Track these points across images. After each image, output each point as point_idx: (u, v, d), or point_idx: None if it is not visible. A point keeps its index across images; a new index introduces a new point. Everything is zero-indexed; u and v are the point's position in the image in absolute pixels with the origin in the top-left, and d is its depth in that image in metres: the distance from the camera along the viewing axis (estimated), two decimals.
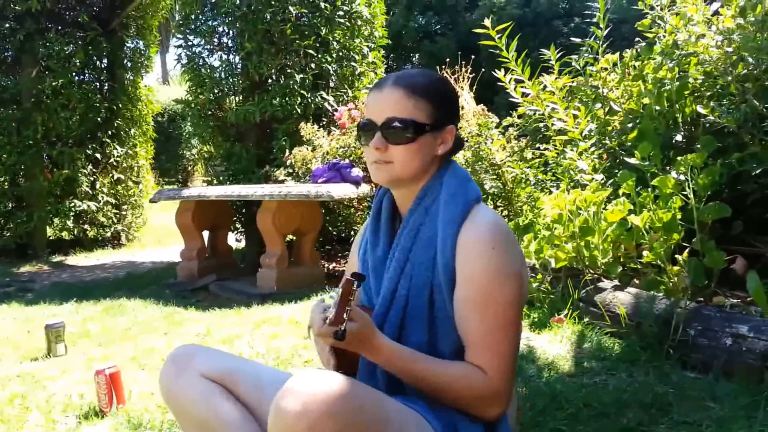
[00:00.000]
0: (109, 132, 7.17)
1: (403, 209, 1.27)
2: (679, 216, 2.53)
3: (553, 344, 2.38)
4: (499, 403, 1.12)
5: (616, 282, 2.60)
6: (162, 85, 19.77)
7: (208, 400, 1.22)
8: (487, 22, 3.36)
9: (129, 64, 7.44)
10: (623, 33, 7.57)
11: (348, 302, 1.00)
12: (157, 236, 7.95)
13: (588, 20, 9.99)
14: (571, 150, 3.23)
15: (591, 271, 2.70)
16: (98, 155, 7.04)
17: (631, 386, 1.98)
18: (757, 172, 2.62)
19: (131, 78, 7.47)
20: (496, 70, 3.51)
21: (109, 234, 7.25)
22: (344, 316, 1.00)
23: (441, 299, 1.16)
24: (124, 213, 7.39)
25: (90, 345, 3.10)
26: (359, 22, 4.98)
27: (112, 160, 7.20)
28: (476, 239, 1.12)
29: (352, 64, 5.00)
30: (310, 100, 4.74)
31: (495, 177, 3.69)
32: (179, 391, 1.24)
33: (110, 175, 7.22)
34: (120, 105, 7.27)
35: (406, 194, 1.24)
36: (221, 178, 5.20)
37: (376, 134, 1.17)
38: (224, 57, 5.14)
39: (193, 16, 5.03)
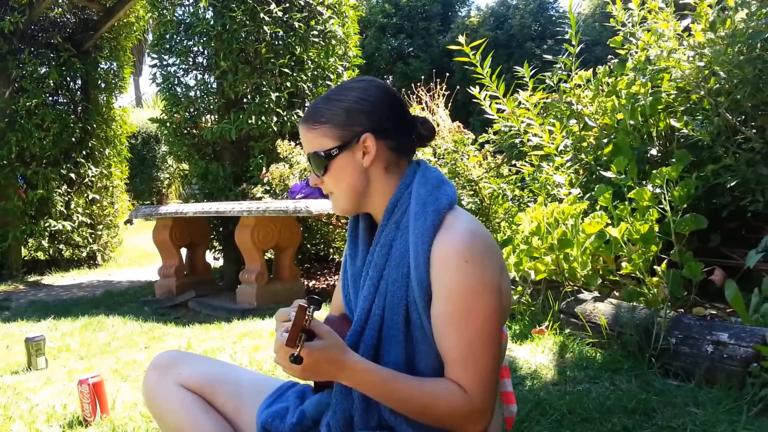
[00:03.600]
0: (84, 152, 7.13)
1: (378, 221, 1.22)
2: (656, 228, 2.56)
3: (536, 355, 2.37)
4: (481, 420, 1.07)
5: (595, 293, 2.61)
6: (135, 107, 19.63)
7: (186, 410, 1.20)
8: (462, 38, 3.40)
9: (103, 85, 7.44)
10: (596, 54, 7.77)
11: (302, 327, 0.95)
12: (133, 257, 7.87)
13: (560, 41, 10.27)
14: (548, 165, 3.26)
15: (571, 283, 2.71)
16: (73, 175, 6.98)
17: (614, 393, 1.98)
18: (732, 184, 2.67)
19: (105, 99, 7.45)
20: (470, 87, 3.54)
21: (84, 254, 7.18)
22: (297, 341, 0.94)
23: (417, 317, 1.10)
24: (99, 233, 7.33)
25: (71, 358, 3.05)
26: (333, 42, 5.02)
27: (86, 180, 7.16)
28: (451, 252, 1.04)
29: (327, 83, 5.02)
30: (286, 118, 4.74)
31: (472, 193, 3.71)
32: (160, 399, 1.24)
33: (85, 195, 7.16)
34: (94, 125, 7.23)
35: (375, 208, 1.19)
36: (198, 196, 5.14)
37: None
38: (199, 76, 5.12)
39: (167, 36, 5.01)
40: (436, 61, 10.99)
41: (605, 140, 3.29)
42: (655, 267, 2.55)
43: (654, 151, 3.12)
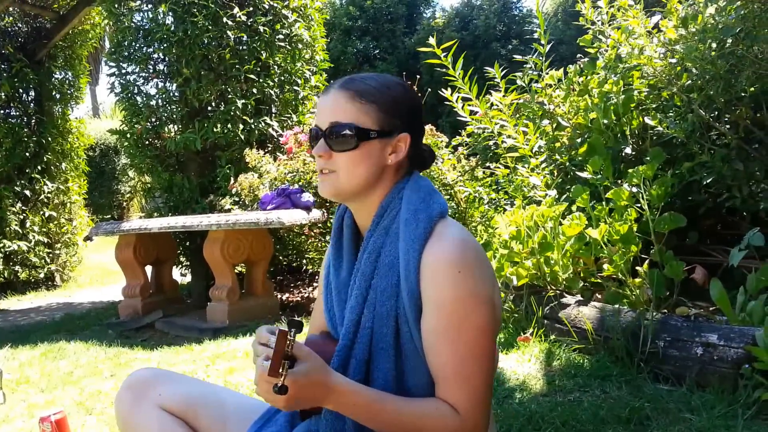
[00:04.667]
0: (39, 167, 6.83)
1: (363, 228, 1.14)
2: (635, 228, 2.53)
3: (522, 364, 2.31)
4: None
5: (579, 297, 2.56)
6: (93, 118, 19.05)
7: None
8: (432, 40, 3.33)
9: (58, 96, 7.15)
10: (561, 53, 7.81)
11: (285, 354, 0.88)
12: (94, 275, 7.57)
13: (525, 42, 10.34)
14: (523, 167, 3.21)
15: (553, 287, 2.66)
16: (28, 192, 6.68)
17: (606, 402, 1.93)
18: (708, 181, 2.66)
19: (61, 110, 7.16)
20: (442, 90, 3.47)
21: (42, 275, 6.84)
22: (280, 370, 0.87)
23: (407, 329, 1.04)
24: (57, 252, 7.02)
25: (30, 391, 2.85)
26: (300, 46, 4.90)
27: (42, 196, 6.85)
28: (442, 261, 1.00)
29: (295, 88, 4.89)
30: (253, 125, 4.60)
31: (448, 197, 3.64)
32: (136, 422, 1.15)
33: (41, 212, 6.85)
34: (49, 138, 6.93)
35: (363, 212, 1.12)
36: (162, 210, 4.94)
37: (320, 141, 1.07)
38: (160, 84, 4.93)
39: (125, 43, 4.81)
40: (403, 64, 10.96)
41: (579, 140, 3.26)
42: (636, 268, 2.51)
43: (628, 150, 3.11)
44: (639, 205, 2.58)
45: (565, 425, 1.79)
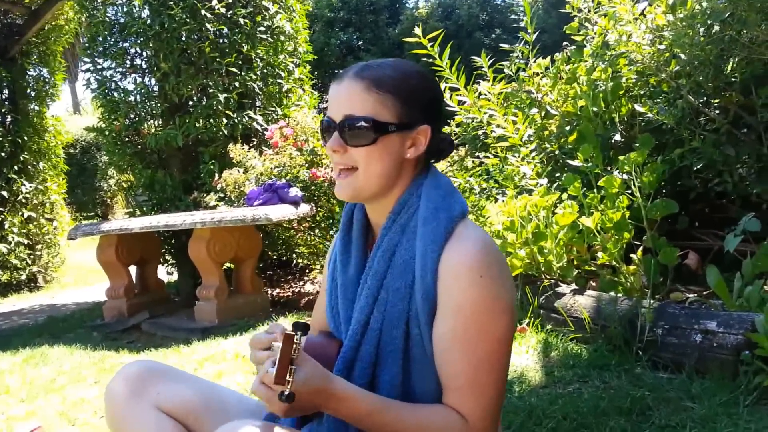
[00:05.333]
0: (16, 167, 6.61)
1: (376, 224, 1.09)
2: (627, 215, 2.51)
3: (520, 356, 2.28)
4: None
5: (573, 286, 2.55)
6: (73, 114, 18.67)
7: None
8: (418, 30, 3.28)
9: (33, 94, 6.94)
10: (544, 42, 7.82)
11: (291, 359, 0.83)
12: (78, 275, 7.37)
13: (508, 30, 10.33)
14: (513, 156, 3.19)
15: (547, 276, 2.64)
16: (5, 193, 6.49)
17: (606, 393, 1.91)
18: (698, 167, 2.65)
19: (36, 108, 6.95)
20: None
21: (24, 277, 6.65)
22: (288, 376, 0.83)
23: (417, 332, 0.99)
24: (38, 253, 6.83)
25: (10, 402, 2.73)
26: (282, 38, 4.80)
27: (21, 197, 6.65)
28: (464, 264, 0.95)
29: (278, 81, 4.80)
30: (236, 120, 4.50)
31: None
32: (131, 423, 1.08)
33: (20, 213, 6.65)
34: (26, 138, 6.73)
35: (378, 208, 1.07)
36: (144, 208, 4.83)
37: (334, 134, 1.01)
38: (139, 79, 4.78)
39: (100, 38, 4.67)
40: (387, 54, 10.91)
41: (568, 128, 3.24)
42: (631, 255, 2.50)
43: (617, 137, 3.09)
44: (630, 191, 2.57)
45: (567, 418, 1.77)
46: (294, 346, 0.83)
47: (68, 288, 6.78)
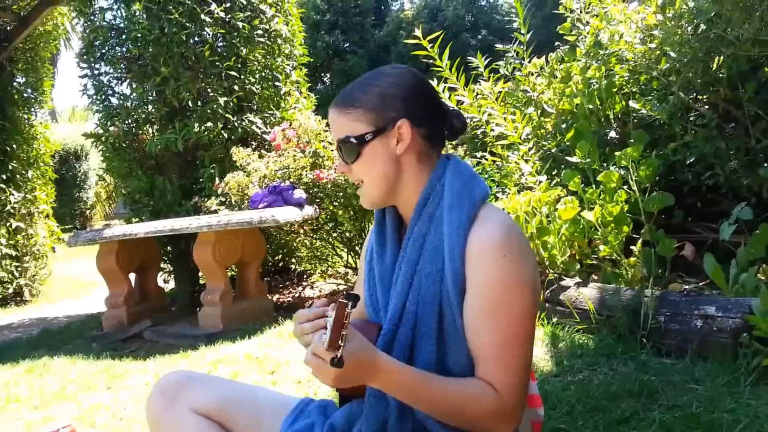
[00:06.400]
0: (4, 176, 6.47)
1: (406, 217, 1.17)
2: (626, 209, 2.62)
3: None
4: (511, 420, 1.05)
5: (577, 279, 2.65)
6: (51, 122, 18.33)
7: None
8: (418, 32, 3.37)
9: (21, 101, 6.83)
10: (529, 41, 7.94)
11: (343, 326, 0.89)
12: (64, 288, 7.15)
13: (495, 32, 10.44)
14: (513, 154, 3.28)
15: (551, 270, 2.73)
16: None
17: (615, 378, 2.01)
18: (691, 161, 2.76)
19: (25, 116, 6.85)
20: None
21: (10, 290, 6.42)
22: (339, 341, 0.88)
23: (450, 312, 1.07)
24: (26, 265, 6.61)
25: (23, 409, 2.73)
26: (279, 41, 4.86)
27: (8, 207, 6.48)
28: (487, 245, 1.03)
29: (276, 83, 4.86)
30: (236, 123, 4.55)
31: None
32: (169, 427, 1.16)
33: (8, 224, 6.47)
34: (14, 146, 6.59)
35: (402, 203, 1.16)
36: (143, 216, 4.81)
37: (340, 159, 1.15)
38: (137, 84, 4.81)
39: (98, 43, 4.69)
40: (373, 56, 10.98)
41: (564, 126, 3.34)
42: (631, 247, 2.61)
43: (612, 134, 3.20)
44: (627, 186, 2.67)
45: (580, 402, 1.85)
46: (346, 312, 0.88)
47: (56, 301, 6.55)
